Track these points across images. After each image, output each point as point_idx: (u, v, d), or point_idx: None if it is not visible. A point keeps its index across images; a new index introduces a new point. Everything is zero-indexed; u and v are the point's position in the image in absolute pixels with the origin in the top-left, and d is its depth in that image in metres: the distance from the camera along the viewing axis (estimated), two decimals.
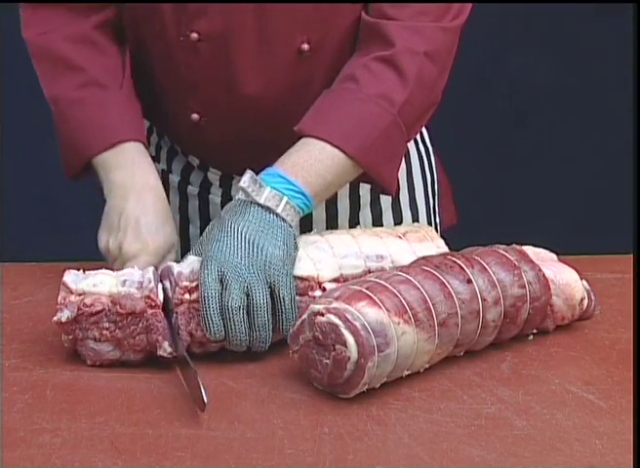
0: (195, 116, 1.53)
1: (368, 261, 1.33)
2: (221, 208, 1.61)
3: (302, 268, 1.29)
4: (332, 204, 1.61)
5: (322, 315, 1.16)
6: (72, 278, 1.25)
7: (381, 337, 1.15)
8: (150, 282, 1.25)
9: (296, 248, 1.31)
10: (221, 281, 1.24)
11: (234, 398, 1.18)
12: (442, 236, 1.45)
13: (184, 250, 1.63)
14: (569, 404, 1.17)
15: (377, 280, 1.20)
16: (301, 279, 1.28)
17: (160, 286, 1.26)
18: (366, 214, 1.64)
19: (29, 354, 1.28)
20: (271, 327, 1.24)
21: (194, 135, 1.55)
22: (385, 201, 1.65)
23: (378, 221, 1.65)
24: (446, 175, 1.77)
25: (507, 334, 1.29)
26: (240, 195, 1.33)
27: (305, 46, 1.45)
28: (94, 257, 1.40)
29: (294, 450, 1.07)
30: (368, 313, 1.15)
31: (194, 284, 1.24)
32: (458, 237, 1.72)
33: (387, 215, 1.66)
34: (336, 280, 1.30)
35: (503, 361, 1.27)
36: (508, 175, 3.12)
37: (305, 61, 1.46)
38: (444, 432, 1.11)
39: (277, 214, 1.31)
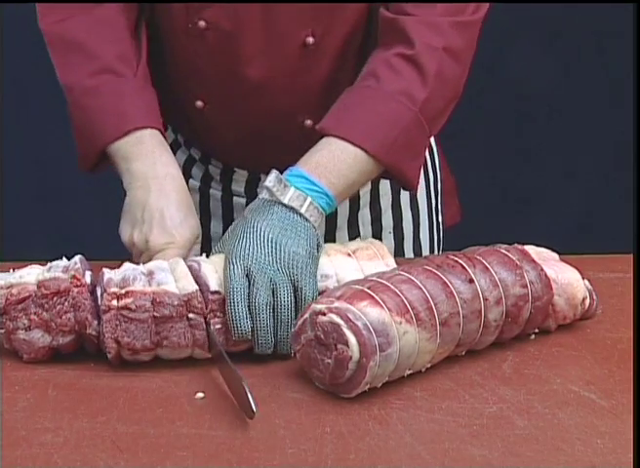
0: (199, 103, 1.53)
1: None
2: (222, 203, 1.62)
3: None
4: None
5: (324, 314, 1.16)
6: (1, 275, 1.26)
7: (383, 337, 1.15)
8: (76, 264, 1.26)
9: (319, 248, 1.31)
10: (247, 277, 1.24)
11: None
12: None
13: None
14: (570, 403, 1.17)
15: (378, 279, 1.20)
16: None
17: (88, 273, 1.26)
18: (365, 214, 1.64)
19: None
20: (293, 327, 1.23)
21: (198, 123, 1.56)
22: (385, 201, 1.65)
23: (377, 221, 1.65)
24: (450, 173, 1.77)
25: (509, 334, 1.29)
26: (264, 195, 1.33)
27: (310, 39, 1.46)
28: (94, 257, 1.40)
29: (295, 450, 1.07)
30: (370, 313, 1.15)
31: (123, 290, 1.23)
32: (459, 237, 1.72)
33: (387, 216, 1.66)
34: None
35: (505, 360, 1.27)
36: (510, 175, 3.13)
37: (310, 54, 1.47)
38: (446, 431, 1.11)
39: (301, 215, 1.31)
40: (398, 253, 1.66)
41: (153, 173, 1.40)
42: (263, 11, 1.44)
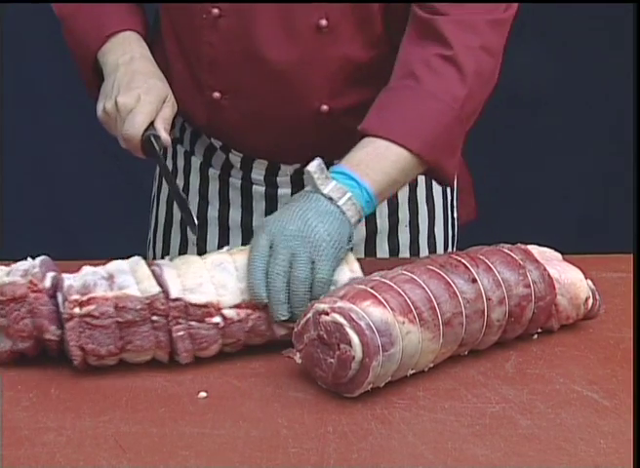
0: (217, 94, 1.54)
1: None
2: (241, 191, 1.64)
3: (203, 294, 1.24)
4: None
5: (327, 314, 1.16)
6: None
7: (386, 337, 1.15)
8: (35, 268, 1.24)
9: (349, 242, 1.32)
10: (271, 247, 1.26)
11: (239, 397, 1.18)
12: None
13: (202, 230, 1.66)
14: (573, 403, 1.17)
15: (381, 279, 1.20)
16: (199, 306, 1.23)
17: (51, 275, 1.24)
18: (382, 206, 1.64)
19: None
20: (308, 302, 1.25)
21: (216, 115, 1.57)
22: (402, 194, 1.65)
23: (393, 214, 1.65)
24: (468, 171, 1.76)
25: (512, 334, 1.29)
26: (307, 187, 1.34)
27: (324, 22, 1.46)
28: (94, 257, 1.39)
29: (298, 449, 1.07)
30: (373, 312, 1.15)
31: (85, 297, 1.21)
32: (462, 236, 1.72)
33: (403, 209, 1.65)
34: (237, 306, 1.25)
35: (508, 360, 1.27)
36: (512, 175, 3.12)
37: (324, 37, 1.47)
38: (448, 431, 1.11)
39: (338, 206, 1.32)
40: (413, 247, 1.66)
41: (122, 59, 1.51)
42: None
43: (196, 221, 1.40)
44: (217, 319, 1.24)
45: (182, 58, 1.55)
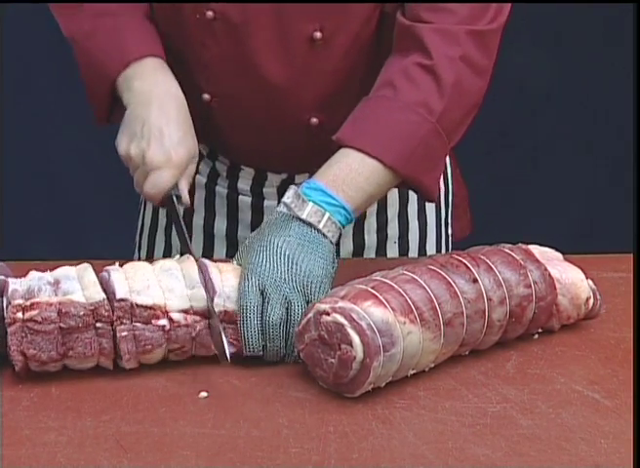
0: (206, 96, 1.53)
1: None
2: (227, 201, 1.63)
3: (150, 296, 1.22)
4: None
5: (328, 314, 1.16)
6: None
7: (387, 337, 1.15)
8: None
9: (334, 264, 1.31)
10: (262, 294, 1.24)
11: (239, 397, 1.18)
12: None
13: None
14: (574, 403, 1.17)
15: (382, 279, 1.20)
16: (146, 307, 1.21)
17: None
18: (371, 222, 1.64)
19: None
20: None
21: (204, 117, 1.55)
22: (392, 210, 1.64)
23: (382, 230, 1.64)
24: (464, 186, 1.75)
25: (513, 334, 1.29)
26: (282, 208, 1.32)
27: (318, 34, 1.45)
28: (94, 257, 1.39)
29: (299, 449, 1.07)
30: (374, 313, 1.15)
31: (28, 302, 1.19)
32: (462, 243, 1.71)
33: (393, 225, 1.65)
34: (185, 311, 1.23)
35: (509, 360, 1.27)
36: (513, 175, 3.12)
37: (318, 50, 1.46)
38: (449, 431, 1.11)
39: (318, 230, 1.30)
40: None
41: (155, 90, 1.42)
42: (272, 2, 1.44)
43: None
44: (163, 321, 1.22)
45: (174, 57, 1.52)
